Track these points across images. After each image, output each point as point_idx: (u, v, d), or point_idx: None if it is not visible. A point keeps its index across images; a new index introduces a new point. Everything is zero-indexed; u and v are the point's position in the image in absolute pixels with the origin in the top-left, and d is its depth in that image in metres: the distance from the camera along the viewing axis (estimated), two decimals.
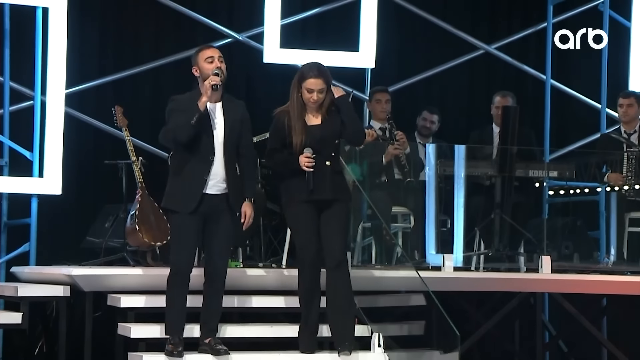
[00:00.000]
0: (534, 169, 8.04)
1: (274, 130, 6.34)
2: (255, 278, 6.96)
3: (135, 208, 7.39)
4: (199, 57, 6.22)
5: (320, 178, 6.21)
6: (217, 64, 6.17)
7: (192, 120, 6.05)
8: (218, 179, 6.16)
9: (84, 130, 8.63)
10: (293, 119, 6.22)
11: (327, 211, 6.24)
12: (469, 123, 9.44)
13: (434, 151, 7.99)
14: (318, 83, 6.20)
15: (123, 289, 6.68)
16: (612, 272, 7.82)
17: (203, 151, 6.13)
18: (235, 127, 6.22)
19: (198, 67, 6.22)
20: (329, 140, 6.26)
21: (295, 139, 6.20)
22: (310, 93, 6.20)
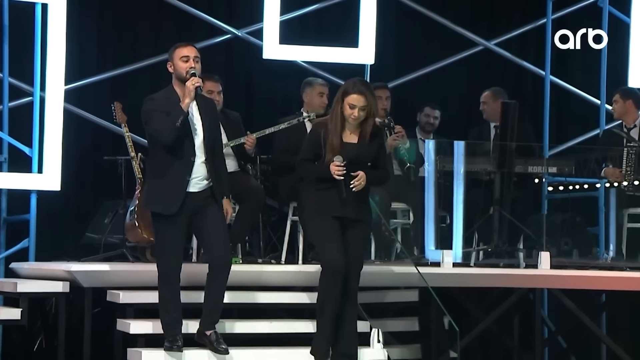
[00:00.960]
0: (533, 164, 8.04)
1: (310, 141, 6.28)
2: (254, 274, 6.96)
3: (134, 204, 7.40)
4: (175, 54, 6.18)
5: (348, 196, 6.13)
6: (191, 64, 6.13)
7: (177, 122, 6.01)
8: (200, 177, 6.14)
9: (83, 126, 8.63)
10: (331, 134, 6.14)
11: (351, 231, 6.19)
12: (468, 119, 9.44)
13: (433, 147, 7.99)
14: (361, 100, 6.12)
15: (122, 284, 6.69)
16: (611, 268, 7.82)
17: (184, 152, 6.09)
18: (213, 126, 6.22)
19: (173, 63, 6.20)
20: (363, 160, 6.20)
21: (328, 155, 6.13)
22: (352, 109, 6.12)
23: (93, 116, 8.64)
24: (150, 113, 6.14)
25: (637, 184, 7.98)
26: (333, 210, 6.14)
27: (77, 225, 8.16)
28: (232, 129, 7.69)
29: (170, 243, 6.12)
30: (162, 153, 6.10)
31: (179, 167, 6.09)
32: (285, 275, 7.04)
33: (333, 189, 6.14)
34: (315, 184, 6.26)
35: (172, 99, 6.12)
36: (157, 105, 6.14)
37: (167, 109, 6.08)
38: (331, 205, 6.14)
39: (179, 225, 6.10)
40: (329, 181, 6.14)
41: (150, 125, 6.12)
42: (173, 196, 6.07)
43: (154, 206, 6.17)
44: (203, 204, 6.14)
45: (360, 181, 6.11)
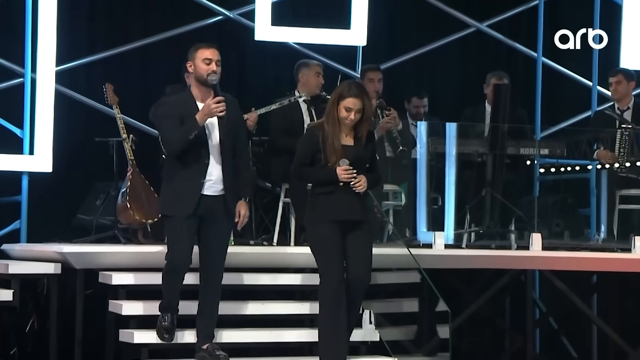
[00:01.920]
0: (525, 146, 8.05)
1: (306, 145, 6.17)
2: (246, 256, 6.96)
3: (126, 186, 7.39)
4: (197, 55, 6.03)
5: (348, 198, 6.07)
6: (213, 67, 6.00)
7: (191, 136, 5.89)
8: (214, 180, 6.02)
9: (75, 107, 8.59)
10: (330, 137, 6.05)
11: (355, 232, 6.10)
12: (460, 101, 9.43)
13: (425, 129, 7.99)
14: (357, 103, 6.04)
15: (114, 266, 6.69)
16: (602, 250, 7.85)
17: (198, 155, 5.98)
18: (231, 128, 6.05)
19: (194, 64, 6.04)
20: (361, 163, 6.12)
21: (331, 158, 6.03)
22: (348, 112, 6.05)
23: (84, 97, 8.61)
24: (161, 120, 6.02)
25: (629, 165, 7.99)
26: (334, 214, 6.06)
27: (68, 207, 8.13)
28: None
29: (180, 240, 5.98)
30: (176, 157, 6.00)
31: (193, 170, 5.97)
32: (277, 257, 7.04)
33: (334, 193, 6.05)
34: (314, 188, 6.17)
35: (188, 101, 5.99)
36: (169, 111, 6.00)
37: (180, 113, 5.94)
38: (333, 209, 6.06)
39: (190, 225, 5.99)
40: (331, 185, 6.06)
41: (161, 133, 6.01)
42: (187, 198, 5.97)
43: (168, 209, 6.04)
44: (214, 212, 6.02)
45: (362, 182, 6.04)
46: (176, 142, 5.92)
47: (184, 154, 5.96)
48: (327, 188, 6.08)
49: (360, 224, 6.12)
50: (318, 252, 6.13)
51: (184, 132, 5.89)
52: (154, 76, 8.78)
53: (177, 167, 6.01)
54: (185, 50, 8.61)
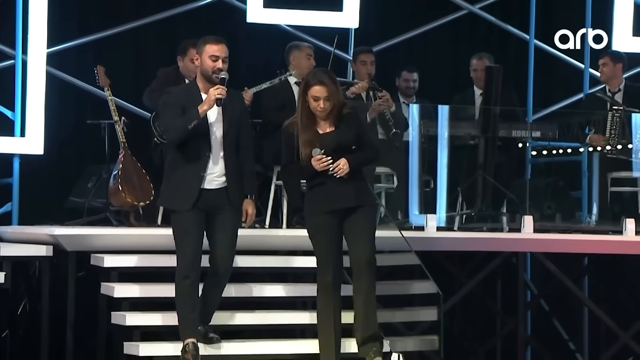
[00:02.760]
0: (517, 129, 8.05)
1: (285, 143, 6.07)
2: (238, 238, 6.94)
3: (118, 168, 7.38)
4: (204, 50, 5.93)
5: (341, 186, 5.97)
6: (219, 64, 5.90)
7: (190, 125, 5.81)
8: (216, 174, 5.94)
9: (66, 89, 8.57)
10: (302, 129, 5.97)
11: (352, 217, 6.02)
12: (453, 83, 9.43)
13: (417, 111, 7.99)
14: (323, 90, 5.93)
15: (106, 248, 6.69)
16: (593, 232, 7.87)
17: (198, 147, 5.90)
18: (234, 122, 5.97)
19: (200, 58, 5.95)
20: (345, 146, 6.00)
21: (304, 151, 5.94)
22: (317, 101, 5.95)
23: (76, 80, 8.58)
24: (164, 107, 5.95)
25: (621, 147, 8.00)
26: (328, 205, 5.98)
27: (60, 189, 8.12)
28: None
29: (187, 238, 5.89)
30: (177, 148, 5.93)
31: (194, 163, 5.90)
32: (269, 239, 7.05)
33: (325, 184, 5.97)
34: (307, 182, 6.12)
35: (193, 92, 5.93)
36: (172, 99, 5.93)
37: (183, 103, 5.87)
38: (326, 200, 5.99)
39: (196, 219, 5.90)
40: (320, 176, 5.97)
41: (161, 119, 5.98)
42: (187, 192, 5.90)
43: (168, 202, 6.00)
44: (218, 205, 5.94)
45: (339, 166, 5.91)
46: (175, 131, 5.86)
47: (184, 146, 5.88)
48: (318, 179, 6.00)
49: (356, 208, 6.03)
50: (314, 244, 6.09)
51: (184, 121, 5.82)
52: (146, 58, 8.76)
53: (179, 160, 5.94)
54: (178, 32, 8.70)
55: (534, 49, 9.59)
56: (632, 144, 7.98)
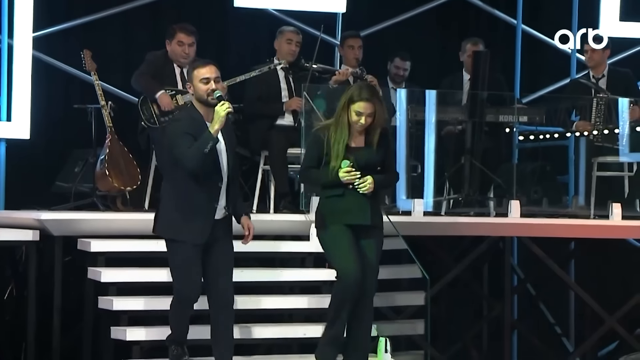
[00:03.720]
0: (504, 114, 8.05)
1: (312, 147, 5.98)
2: None
3: (104, 153, 7.38)
4: (194, 76, 5.78)
5: (358, 202, 5.88)
6: (212, 85, 5.74)
7: (206, 149, 5.61)
8: (222, 204, 5.82)
9: (52, 74, 8.53)
10: (334, 141, 5.85)
11: (365, 240, 5.91)
12: (440, 68, 9.42)
13: (405, 96, 7.99)
14: (368, 107, 5.83)
15: (93, 233, 6.68)
16: (580, 216, 7.90)
17: (212, 176, 5.73)
18: (234, 148, 5.91)
19: (192, 85, 5.80)
20: (373, 165, 5.93)
21: (334, 163, 5.84)
22: (359, 116, 5.84)
23: (62, 64, 8.54)
24: (176, 137, 5.71)
25: (607, 133, 8.02)
26: (345, 218, 5.88)
27: (47, 174, 8.10)
28: None
29: (191, 272, 5.74)
30: (186, 177, 5.71)
31: (206, 194, 5.72)
32: (256, 224, 7.03)
33: (343, 196, 5.88)
34: (324, 191, 5.99)
35: (197, 119, 5.73)
36: (184, 127, 5.71)
37: (194, 131, 5.68)
38: (343, 213, 5.88)
39: (197, 252, 5.75)
40: (338, 187, 5.88)
41: (176, 150, 5.67)
42: (201, 225, 5.70)
43: (178, 234, 5.73)
44: (217, 234, 5.80)
45: (366, 183, 5.83)
46: (192, 158, 5.62)
47: (198, 174, 5.69)
48: (337, 190, 5.89)
49: (371, 230, 5.92)
50: (331, 251, 5.94)
51: (198, 145, 5.62)
52: (134, 42, 8.72)
53: (188, 188, 5.72)
54: (165, 16, 8.66)
55: (521, 34, 9.59)
56: (618, 129, 8.00)
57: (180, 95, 7.55)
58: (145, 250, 6.61)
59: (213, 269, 5.81)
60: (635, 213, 7.89)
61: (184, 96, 7.54)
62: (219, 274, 5.81)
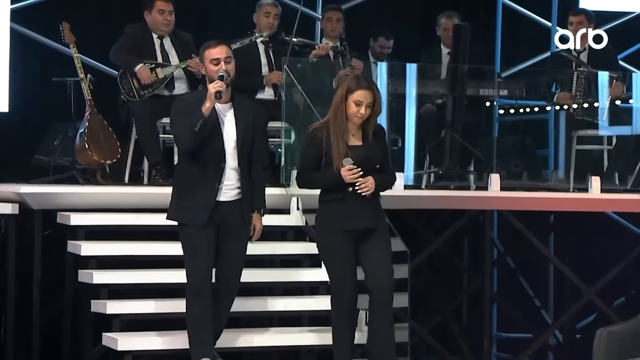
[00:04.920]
0: (485, 87, 8.06)
1: (309, 148, 5.72)
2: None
3: (84, 126, 7.34)
4: (205, 57, 5.71)
5: (359, 205, 5.66)
6: (222, 66, 5.65)
7: (196, 127, 5.52)
8: (231, 185, 5.69)
9: (31, 46, 8.48)
10: (335, 137, 5.61)
11: (370, 242, 5.72)
12: (421, 41, 9.40)
13: (385, 70, 7.98)
14: (368, 96, 5.62)
15: (73, 207, 6.66)
16: (559, 190, 7.93)
17: (213, 158, 5.65)
18: (248, 133, 5.72)
19: (204, 66, 5.74)
20: (372, 163, 5.69)
21: (336, 160, 5.60)
22: (358, 106, 5.61)
23: (40, 36, 8.49)
24: (175, 116, 5.69)
25: (587, 106, 8.04)
26: (345, 224, 5.66)
27: (26, 147, 8.05)
28: (183, 51, 7.65)
29: (200, 256, 5.65)
30: (189, 159, 5.67)
31: (208, 174, 5.65)
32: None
33: (343, 200, 5.65)
34: (323, 194, 5.74)
35: (203, 100, 5.63)
36: (184, 108, 5.67)
37: (194, 111, 5.60)
38: (342, 218, 5.66)
39: (208, 235, 5.65)
40: (338, 191, 5.66)
41: (173, 129, 5.74)
42: (202, 205, 5.63)
43: (180, 216, 5.69)
44: (230, 219, 5.70)
45: (367, 184, 5.61)
46: (184, 137, 5.59)
47: (198, 157, 5.64)
48: (336, 194, 5.67)
49: (373, 231, 5.73)
50: (328, 267, 5.78)
51: (190, 124, 5.55)
52: (113, 15, 8.66)
53: (191, 170, 5.68)
54: None
55: (501, 7, 9.58)
56: (598, 103, 8.02)
57: (160, 69, 7.52)
58: (125, 223, 6.60)
59: (221, 256, 5.73)
60: (614, 186, 7.92)
61: (164, 69, 7.51)
62: (226, 263, 5.73)
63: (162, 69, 7.51)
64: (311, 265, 6.71)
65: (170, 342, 6.06)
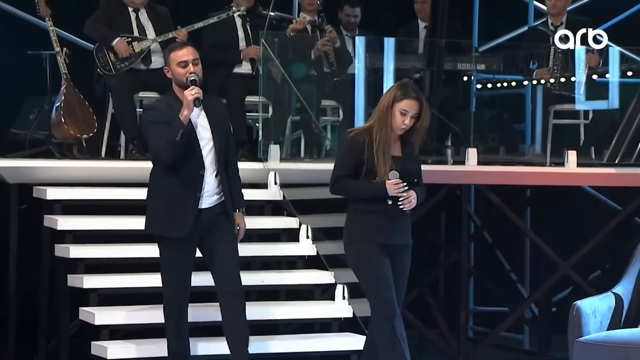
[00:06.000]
0: (462, 62, 8.06)
1: (350, 154, 5.45)
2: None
3: (60, 100, 7.30)
4: (171, 59, 5.45)
5: (398, 219, 5.44)
6: (190, 68, 5.41)
7: (177, 137, 5.27)
8: (211, 192, 5.46)
9: (5, 19, 8.39)
10: (381, 145, 5.37)
11: (399, 259, 5.49)
12: (399, 16, 9.38)
13: (363, 44, 7.97)
14: (414, 106, 5.39)
15: (49, 181, 6.63)
16: (536, 164, 7.96)
17: (191, 165, 5.40)
18: (222, 133, 5.50)
19: (170, 69, 5.47)
20: (409, 176, 5.44)
21: (380, 170, 5.36)
22: (404, 116, 5.38)
23: (15, 9, 8.40)
24: (148, 126, 5.41)
25: (564, 81, 8.06)
26: (381, 237, 5.41)
27: (1, 121, 7.99)
28: (160, 24, 7.60)
29: (177, 268, 5.44)
30: (164, 168, 5.42)
31: (187, 183, 5.38)
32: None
33: (384, 213, 5.40)
34: (359, 204, 5.47)
35: (175, 105, 5.38)
36: (157, 117, 5.39)
37: (168, 119, 5.35)
38: (380, 232, 5.41)
39: (187, 246, 5.44)
40: (379, 203, 5.40)
41: (148, 142, 5.41)
42: (184, 216, 5.38)
43: (162, 229, 5.44)
44: (214, 222, 5.48)
45: (411, 199, 5.38)
46: (164, 149, 5.32)
47: (174, 164, 5.38)
48: (377, 206, 5.40)
49: (405, 248, 5.53)
50: (367, 281, 5.45)
51: (169, 135, 5.30)
52: None
53: (168, 179, 5.42)
54: None
55: None
56: (575, 77, 8.04)
57: (136, 42, 7.48)
58: (102, 198, 6.59)
59: (216, 257, 5.50)
60: (591, 160, 7.97)
61: (141, 43, 7.47)
62: (222, 261, 5.49)
63: (139, 42, 7.47)
64: (289, 239, 6.73)
65: (147, 316, 6.06)
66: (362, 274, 5.47)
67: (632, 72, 8.02)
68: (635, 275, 6.19)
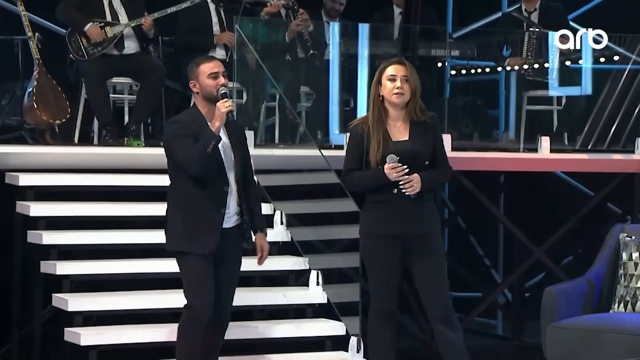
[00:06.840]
0: (436, 48, 8.07)
1: (352, 146, 5.40)
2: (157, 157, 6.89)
3: (32, 85, 7.25)
4: (200, 72, 5.34)
5: (408, 207, 5.29)
6: (221, 80, 5.33)
7: (209, 148, 5.19)
8: (232, 211, 5.39)
9: None
10: (373, 129, 5.28)
11: (421, 252, 5.34)
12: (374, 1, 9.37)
13: (338, 30, 7.96)
14: (400, 68, 5.30)
15: (21, 167, 6.60)
16: (509, 150, 7.99)
17: (216, 182, 5.32)
18: (242, 149, 5.45)
19: (198, 82, 5.35)
20: (419, 160, 5.30)
21: (373, 156, 5.29)
22: (393, 81, 5.28)
23: None
24: (175, 139, 5.29)
25: (538, 67, 8.09)
26: (389, 228, 5.30)
27: None
28: (133, 9, 7.56)
29: (204, 285, 5.31)
30: (189, 183, 5.29)
31: (213, 200, 5.30)
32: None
33: (388, 202, 5.30)
34: (368, 194, 5.40)
35: (199, 120, 5.31)
36: (181, 130, 5.29)
37: (193, 133, 5.27)
38: (387, 222, 5.31)
39: (211, 265, 5.33)
40: (385, 192, 5.30)
41: (175, 154, 5.27)
42: (209, 233, 5.29)
43: (184, 245, 5.31)
44: (228, 248, 5.38)
45: (411, 182, 5.23)
46: (193, 159, 5.22)
47: (200, 180, 5.29)
48: (381, 195, 5.32)
49: (425, 237, 5.34)
50: (369, 271, 5.47)
51: (200, 147, 5.21)
52: None
53: (192, 195, 5.31)
54: None
55: None
56: (548, 64, 8.07)
57: (109, 27, 7.43)
58: (75, 184, 6.56)
59: (219, 283, 5.42)
60: (564, 146, 8.00)
61: (113, 28, 7.43)
62: (222, 289, 5.41)
63: (112, 27, 7.43)
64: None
65: (121, 302, 6.06)
66: (366, 266, 5.48)
67: (605, 58, 8.05)
68: (607, 260, 6.24)
